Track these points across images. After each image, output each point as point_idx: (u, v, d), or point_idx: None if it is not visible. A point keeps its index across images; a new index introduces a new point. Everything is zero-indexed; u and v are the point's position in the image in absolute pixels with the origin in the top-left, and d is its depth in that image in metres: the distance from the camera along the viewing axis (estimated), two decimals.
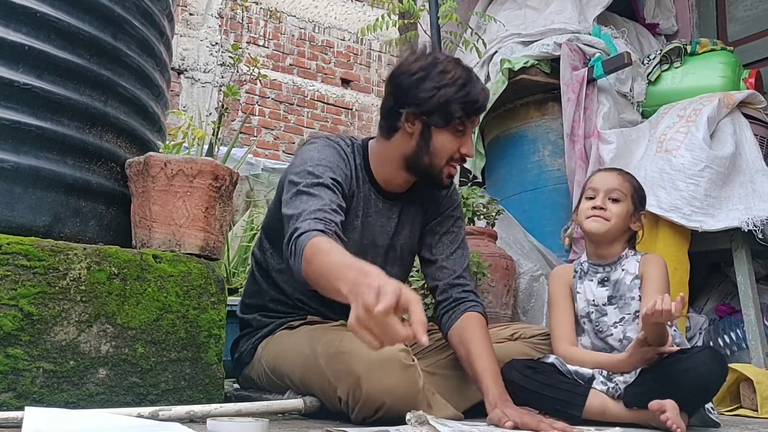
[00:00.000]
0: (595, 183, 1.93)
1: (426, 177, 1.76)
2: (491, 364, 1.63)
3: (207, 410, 1.43)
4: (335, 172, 1.65)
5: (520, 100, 3.53)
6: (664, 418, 1.52)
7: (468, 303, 1.78)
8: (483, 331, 1.72)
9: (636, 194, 1.91)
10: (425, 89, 1.65)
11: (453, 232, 1.90)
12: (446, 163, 1.72)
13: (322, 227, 1.46)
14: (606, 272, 1.88)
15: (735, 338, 2.85)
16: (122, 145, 1.87)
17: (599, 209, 1.86)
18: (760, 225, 2.65)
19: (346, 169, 1.72)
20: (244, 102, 7.24)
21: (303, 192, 1.58)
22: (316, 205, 1.53)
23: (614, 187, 1.89)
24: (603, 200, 1.87)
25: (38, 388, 1.44)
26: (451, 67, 1.67)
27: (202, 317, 1.67)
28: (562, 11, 3.47)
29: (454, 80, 1.65)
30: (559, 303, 1.91)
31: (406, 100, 1.68)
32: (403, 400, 1.47)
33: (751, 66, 3.54)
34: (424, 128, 1.69)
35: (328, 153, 1.70)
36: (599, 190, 1.89)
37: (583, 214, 1.90)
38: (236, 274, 3.24)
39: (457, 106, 1.65)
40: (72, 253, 1.50)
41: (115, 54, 1.82)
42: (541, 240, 3.25)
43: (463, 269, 1.86)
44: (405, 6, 3.35)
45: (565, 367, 1.75)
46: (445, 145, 1.69)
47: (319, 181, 1.60)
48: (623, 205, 1.87)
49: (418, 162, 1.72)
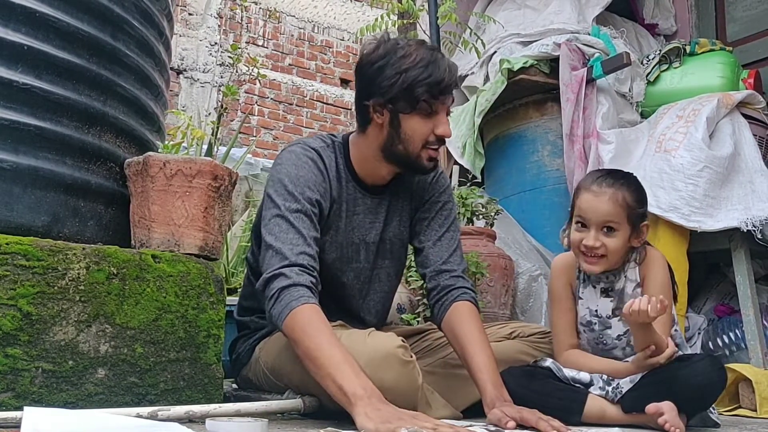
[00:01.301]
0: (584, 210, 1.73)
1: (405, 164, 1.74)
2: (487, 361, 1.61)
3: (206, 410, 1.43)
4: (312, 190, 1.66)
5: (519, 101, 3.53)
6: (662, 421, 1.52)
7: (456, 291, 1.76)
8: (474, 323, 1.69)
9: (633, 213, 1.71)
10: (387, 77, 1.64)
11: (441, 216, 1.87)
12: (422, 147, 1.69)
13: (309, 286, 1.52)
14: (609, 281, 1.80)
15: (734, 338, 2.86)
16: (121, 145, 1.87)
17: (593, 249, 1.70)
18: (759, 225, 2.65)
19: (324, 181, 1.72)
20: (243, 102, 7.23)
21: (283, 217, 1.61)
22: (297, 245, 1.57)
23: (606, 218, 1.70)
24: (596, 236, 1.70)
25: (37, 388, 1.44)
26: (412, 50, 1.65)
27: (201, 317, 1.67)
28: (561, 11, 3.48)
29: (415, 63, 1.63)
30: (560, 302, 1.85)
31: (371, 90, 1.67)
32: (402, 396, 1.47)
33: (750, 66, 3.54)
34: (392, 116, 1.67)
35: (305, 168, 1.69)
36: (590, 221, 1.71)
37: (575, 247, 1.75)
38: (235, 274, 3.24)
39: (422, 88, 1.62)
40: (71, 253, 1.50)
41: (114, 54, 1.82)
42: (540, 240, 3.25)
43: (450, 254, 1.82)
44: (404, 6, 3.35)
45: (561, 372, 1.73)
46: (416, 129, 1.67)
47: (298, 208, 1.62)
48: (619, 234, 1.71)
49: (394, 150, 1.70)
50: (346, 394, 1.36)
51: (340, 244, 1.77)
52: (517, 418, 1.46)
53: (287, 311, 1.48)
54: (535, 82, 3.38)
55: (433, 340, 1.93)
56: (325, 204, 1.71)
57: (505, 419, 1.46)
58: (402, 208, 1.87)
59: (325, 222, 1.72)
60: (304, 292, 1.51)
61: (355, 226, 1.79)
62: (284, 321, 1.49)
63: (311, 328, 1.46)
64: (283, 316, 1.49)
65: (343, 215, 1.77)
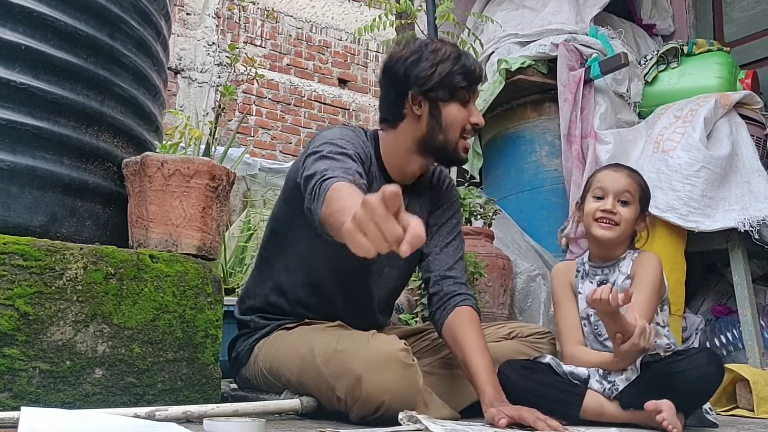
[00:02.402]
0: (604, 182, 1.86)
1: (443, 155, 1.77)
2: (486, 365, 1.62)
3: (204, 410, 1.43)
4: (357, 151, 1.65)
5: (517, 101, 3.53)
6: (660, 419, 1.52)
7: (458, 297, 1.77)
8: (475, 328, 1.71)
9: (643, 195, 1.87)
10: (423, 68, 1.68)
11: (450, 224, 1.91)
12: (460, 136, 1.73)
13: (351, 178, 1.43)
14: (605, 274, 1.87)
15: (731, 338, 2.86)
16: (119, 144, 1.86)
17: (610, 213, 1.81)
18: (757, 225, 2.66)
19: (365, 152, 1.73)
20: (241, 102, 7.23)
21: (326, 157, 1.53)
22: (342, 166, 1.49)
23: (624, 188, 1.84)
24: (613, 203, 1.82)
25: (34, 388, 1.43)
26: (440, 45, 1.73)
27: (198, 317, 1.67)
28: (559, 12, 3.48)
29: (448, 55, 1.70)
30: (562, 303, 1.90)
31: (407, 83, 1.70)
32: (403, 398, 1.47)
33: (748, 67, 3.55)
34: (432, 106, 1.71)
35: (349, 134, 1.71)
36: (609, 191, 1.84)
37: (590, 216, 1.85)
38: (233, 275, 3.24)
39: (459, 77, 1.69)
40: (68, 252, 1.50)
41: (112, 54, 1.82)
42: (538, 240, 3.26)
43: (455, 261, 1.85)
44: (402, 6, 3.36)
45: (560, 368, 1.75)
46: (457, 116, 1.71)
47: (343, 151, 1.58)
48: (632, 208, 1.83)
49: (433, 141, 1.73)
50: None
51: None
52: (515, 416, 1.46)
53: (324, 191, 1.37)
54: (533, 82, 3.38)
55: (431, 340, 1.93)
56: (366, 172, 1.65)
57: (498, 416, 1.46)
58: (419, 211, 1.88)
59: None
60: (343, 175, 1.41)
61: None
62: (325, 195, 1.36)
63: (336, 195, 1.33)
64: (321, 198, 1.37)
65: None
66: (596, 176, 1.91)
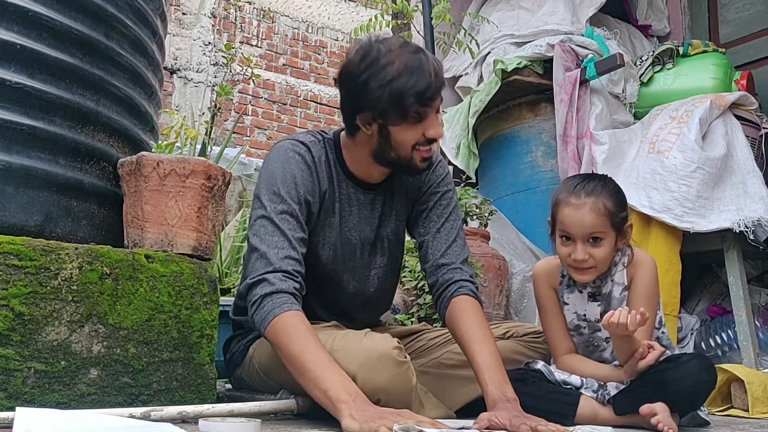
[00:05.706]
0: (567, 225, 1.70)
1: (399, 167, 1.73)
2: (488, 360, 1.57)
3: (199, 410, 1.43)
4: (300, 187, 1.66)
5: (513, 101, 3.54)
6: (655, 421, 1.52)
7: (453, 286, 1.73)
8: (473, 318, 1.66)
9: (616, 219, 1.69)
10: (372, 90, 1.59)
11: (440, 205, 1.84)
12: (413, 150, 1.66)
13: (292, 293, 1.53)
14: (596, 286, 1.79)
15: (726, 339, 2.87)
16: (114, 144, 1.86)
17: (581, 261, 1.69)
18: (752, 226, 2.66)
19: (312, 176, 1.71)
20: (237, 102, 7.22)
21: (269, 219, 1.61)
22: (282, 249, 1.57)
23: (591, 229, 1.67)
24: (583, 249, 1.68)
25: (29, 389, 1.43)
26: (394, 57, 1.58)
27: (194, 317, 1.67)
28: (555, 12, 3.49)
29: (399, 72, 1.56)
30: (547, 310, 1.84)
31: (358, 104, 1.64)
32: (397, 396, 1.47)
33: (743, 68, 3.56)
34: (381, 127, 1.64)
35: (292, 164, 1.68)
36: (575, 236, 1.69)
37: (563, 260, 1.74)
38: (228, 275, 3.23)
39: (410, 99, 1.57)
40: (63, 252, 1.50)
41: (108, 53, 1.82)
42: (534, 240, 3.26)
43: (449, 245, 1.79)
44: (398, 6, 3.36)
45: (552, 375, 1.73)
46: (407, 137, 1.64)
47: (284, 209, 1.62)
48: (605, 242, 1.69)
49: (386, 156, 1.69)
50: (330, 398, 1.36)
51: (335, 243, 1.76)
52: (506, 424, 1.39)
53: (270, 317, 1.49)
54: (529, 82, 3.39)
55: (427, 340, 1.93)
56: (314, 200, 1.70)
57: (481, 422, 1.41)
58: (398, 203, 1.85)
59: (316, 219, 1.71)
60: (287, 299, 1.51)
61: (350, 224, 1.78)
62: (267, 328, 1.49)
63: (295, 333, 1.46)
64: (265, 323, 1.49)
65: (337, 213, 1.76)
66: (560, 211, 1.72)
